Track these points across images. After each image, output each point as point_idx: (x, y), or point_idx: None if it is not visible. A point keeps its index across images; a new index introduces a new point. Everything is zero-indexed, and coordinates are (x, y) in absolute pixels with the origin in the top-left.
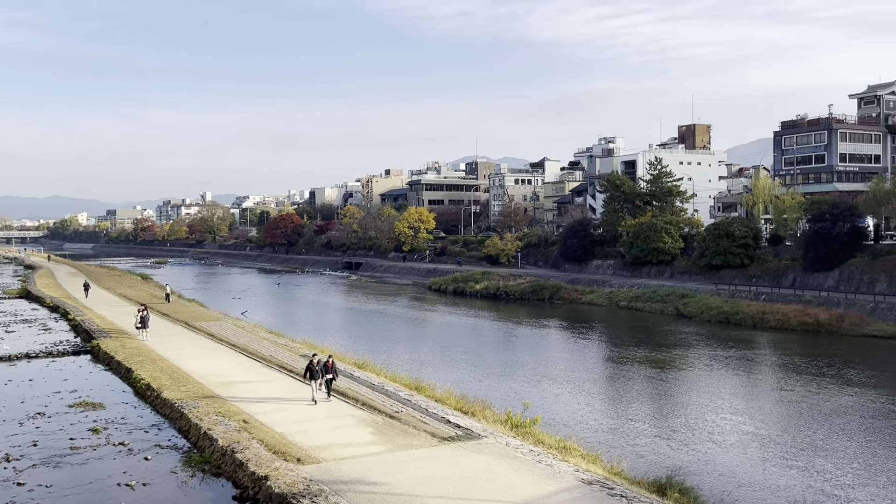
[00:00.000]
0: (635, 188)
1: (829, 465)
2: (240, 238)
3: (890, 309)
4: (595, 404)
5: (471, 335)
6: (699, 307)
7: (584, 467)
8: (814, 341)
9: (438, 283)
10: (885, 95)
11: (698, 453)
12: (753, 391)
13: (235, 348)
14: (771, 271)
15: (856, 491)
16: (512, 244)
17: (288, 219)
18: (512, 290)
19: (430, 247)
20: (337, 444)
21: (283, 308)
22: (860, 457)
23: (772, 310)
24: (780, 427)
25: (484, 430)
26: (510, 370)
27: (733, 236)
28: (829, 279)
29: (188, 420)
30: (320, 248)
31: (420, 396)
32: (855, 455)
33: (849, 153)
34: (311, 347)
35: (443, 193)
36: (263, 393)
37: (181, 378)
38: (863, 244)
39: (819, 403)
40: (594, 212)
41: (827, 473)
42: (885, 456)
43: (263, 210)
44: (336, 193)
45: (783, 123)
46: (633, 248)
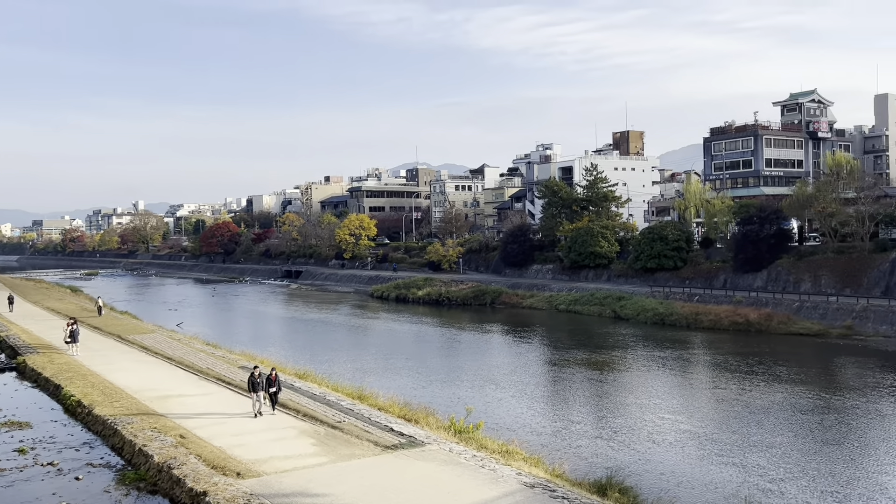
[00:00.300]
0: (572, 194)
1: (763, 461)
2: (174, 247)
3: (814, 307)
4: (538, 407)
5: (414, 342)
6: (635, 309)
7: (527, 470)
8: (745, 340)
9: (380, 290)
10: (806, 103)
11: (638, 453)
12: (689, 390)
13: (171, 361)
14: (703, 273)
15: (788, 484)
16: (453, 250)
17: (225, 227)
18: (454, 295)
19: (371, 254)
20: (278, 457)
21: (220, 319)
22: (792, 451)
23: (705, 310)
24: (715, 425)
25: (427, 437)
26: (454, 376)
27: (667, 240)
28: (757, 280)
29: (122, 437)
30: (259, 257)
31: (363, 405)
32: (787, 450)
33: (774, 158)
34: (251, 359)
35: (384, 200)
36: (201, 407)
37: (114, 393)
38: (788, 246)
39: (752, 400)
40: (533, 217)
41: (761, 468)
42: (814, 450)
43: (199, 218)
44: (274, 201)
45: (712, 130)
46: (571, 252)
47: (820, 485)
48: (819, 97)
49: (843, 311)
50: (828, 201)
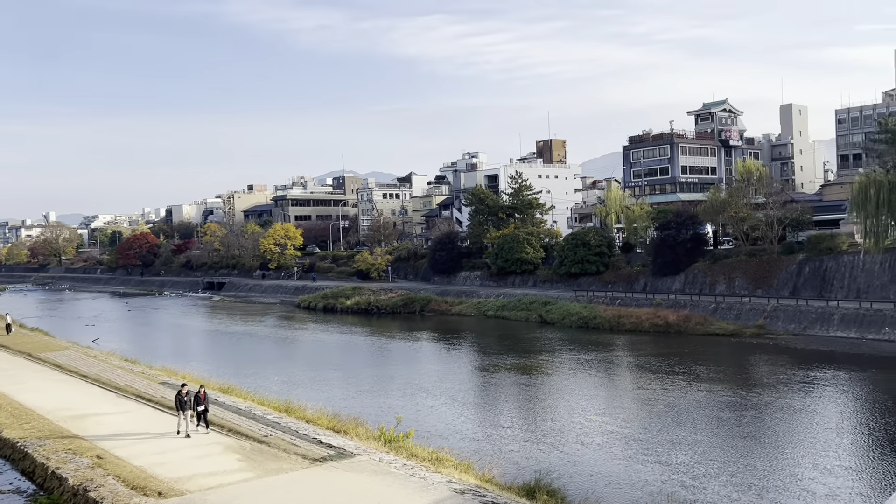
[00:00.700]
0: (498, 201)
1: (686, 458)
2: (89, 260)
3: (728, 308)
4: (468, 414)
5: (343, 352)
6: (561, 313)
7: (457, 477)
8: (665, 341)
9: (308, 300)
10: (718, 112)
11: (567, 454)
12: (614, 392)
13: (87, 379)
14: (624, 277)
15: (711, 480)
16: (382, 258)
17: (143, 238)
18: (383, 304)
19: (297, 263)
20: (202, 474)
21: (139, 334)
22: (713, 448)
23: (626, 313)
24: (640, 425)
25: (357, 448)
26: (384, 385)
27: (589, 245)
28: (676, 283)
29: (33, 460)
30: (179, 269)
31: (290, 418)
32: (708, 446)
33: (689, 165)
34: (172, 374)
35: (310, 209)
36: (119, 425)
37: (24, 415)
38: (704, 249)
39: (674, 400)
40: (461, 225)
41: (685, 466)
42: (733, 445)
43: (115, 230)
44: (195, 211)
45: (631, 138)
46: (498, 259)
47: (740, 479)
48: (730, 107)
49: (755, 312)
50: (739, 206)
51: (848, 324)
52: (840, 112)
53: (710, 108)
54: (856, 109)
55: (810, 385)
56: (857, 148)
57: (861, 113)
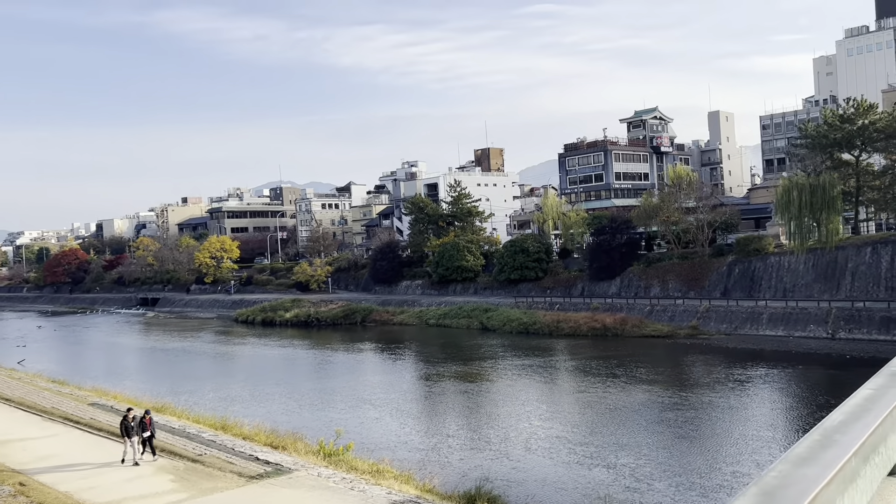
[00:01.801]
0: (438, 210)
1: (630, 460)
2: (14, 279)
3: (663, 310)
4: (412, 424)
5: (283, 366)
6: (501, 320)
7: (397, 489)
8: (603, 344)
9: (246, 314)
10: (649, 119)
11: (511, 461)
12: (556, 396)
13: (10, 403)
14: (563, 282)
15: (655, 481)
16: (322, 269)
17: (72, 255)
18: (324, 316)
19: (235, 277)
20: (132, 497)
21: (70, 353)
22: (655, 449)
23: (565, 318)
24: (583, 428)
25: (295, 464)
26: (326, 398)
27: (528, 252)
28: (612, 287)
29: None
30: (111, 285)
31: (226, 436)
32: (651, 448)
33: (623, 172)
34: (102, 394)
35: (247, 221)
36: (45, 450)
37: None
38: (638, 253)
39: (615, 402)
40: (402, 234)
41: (628, 468)
42: (675, 445)
43: (43, 246)
44: (127, 225)
45: (566, 146)
46: (439, 267)
47: (684, 479)
48: (660, 114)
49: (688, 313)
50: (671, 211)
51: (776, 322)
52: (764, 118)
53: (642, 116)
54: (779, 116)
55: (743, 383)
56: (781, 152)
57: (784, 119)
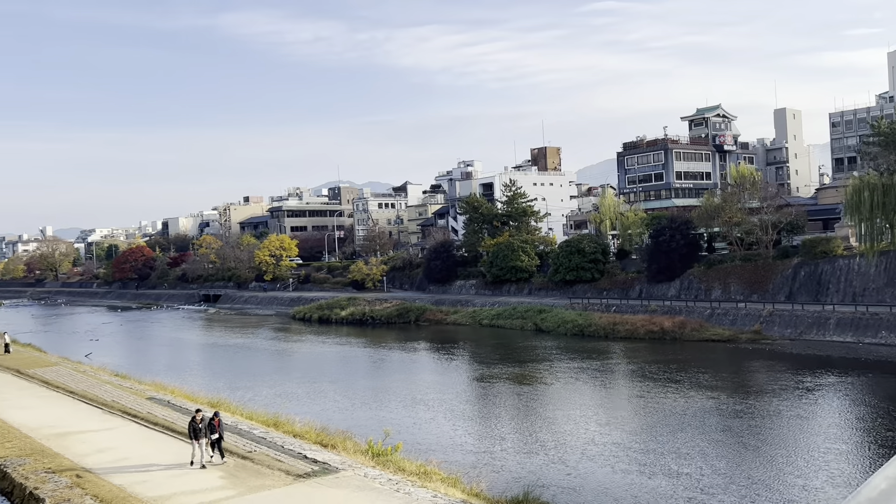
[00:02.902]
0: (492, 209)
1: (693, 470)
2: (86, 274)
3: (724, 314)
4: (463, 425)
5: (338, 364)
6: (556, 321)
7: (443, 492)
8: (661, 348)
9: (303, 311)
10: (712, 117)
11: (564, 467)
12: (614, 401)
13: (74, 395)
14: (619, 284)
15: (721, 493)
16: (377, 268)
17: (139, 252)
18: (378, 314)
19: (293, 275)
20: (182, 492)
21: (134, 348)
22: (720, 459)
23: (622, 320)
24: (641, 434)
25: (342, 463)
26: (379, 397)
27: (584, 252)
28: (671, 289)
29: (11, 479)
30: (175, 282)
31: (277, 433)
32: (715, 457)
33: (683, 171)
34: (160, 389)
35: (306, 220)
36: (103, 443)
37: (6, 432)
38: (699, 255)
39: (674, 408)
40: (456, 233)
41: (692, 478)
42: (741, 456)
43: (112, 244)
44: (191, 223)
45: (625, 145)
46: (493, 267)
47: (749, 492)
48: (723, 112)
49: (751, 317)
50: (734, 211)
51: (844, 328)
52: (834, 115)
53: (704, 114)
54: (849, 112)
55: (811, 391)
56: (852, 151)
57: (855, 116)
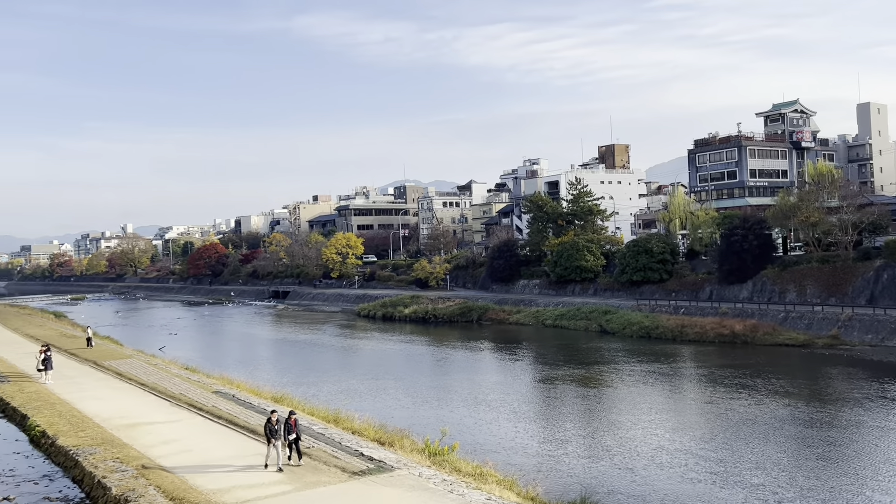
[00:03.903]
0: (557, 208)
1: (769, 480)
2: (162, 270)
3: (800, 317)
4: (524, 426)
5: (400, 361)
6: (621, 323)
7: (498, 494)
8: (731, 352)
9: (367, 309)
10: (789, 113)
11: (627, 472)
12: (683, 406)
13: (144, 387)
14: (689, 285)
15: None
16: (440, 267)
17: (212, 249)
18: (441, 312)
19: (358, 272)
20: (241, 486)
21: (205, 342)
22: (798, 470)
23: (690, 323)
24: (709, 441)
25: (398, 462)
26: (440, 395)
27: (651, 252)
28: (743, 291)
29: (82, 468)
30: (246, 278)
31: (335, 429)
32: (793, 468)
33: (758, 169)
34: (226, 383)
35: (372, 218)
36: (169, 434)
37: (81, 422)
38: (773, 256)
39: (749, 416)
40: (521, 232)
41: (769, 490)
42: (821, 468)
43: (187, 241)
44: (263, 221)
45: (696, 142)
46: (557, 266)
47: None
48: (802, 107)
49: (828, 321)
50: (811, 210)
51: None
52: None
53: (781, 109)
54: None
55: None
56: None
57: None
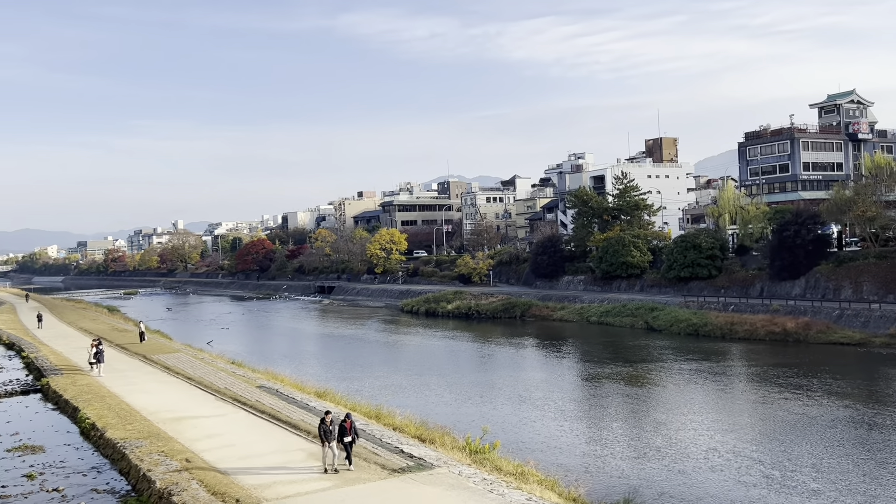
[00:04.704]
0: (603, 203)
1: (827, 486)
2: (211, 266)
3: (855, 315)
4: (569, 425)
5: (445, 357)
6: (668, 320)
7: (539, 495)
8: (783, 350)
9: (411, 304)
10: (844, 104)
11: (674, 475)
12: (730, 405)
13: (191, 381)
14: (738, 281)
15: None
16: (484, 262)
17: (260, 245)
18: (483, 309)
19: (402, 268)
20: (282, 481)
21: (252, 336)
22: (861, 476)
23: (740, 320)
24: (762, 444)
25: (438, 459)
26: (483, 392)
27: (700, 248)
28: (795, 287)
29: (129, 461)
30: (292, 273)
31: (377, 425)
32: (855, 474)
33: (811, 162)
34: (271, 377)
35: (415, 214)
36: (213, 428)
37: (129, 415)
38: (827, 252)
39: (803, 417)
40: (565, 228)
41: (827, 497)
42: (887, 475)
43: (236, 237)
44: (309, 217)
45: (747, 134)
46: (603, 262)
47: None
48: (858, 97)
49: (886, 319)
50: (868, 205)
51: None
52: None
53: (836, 100)
54: None
55: None
56: None
57: None
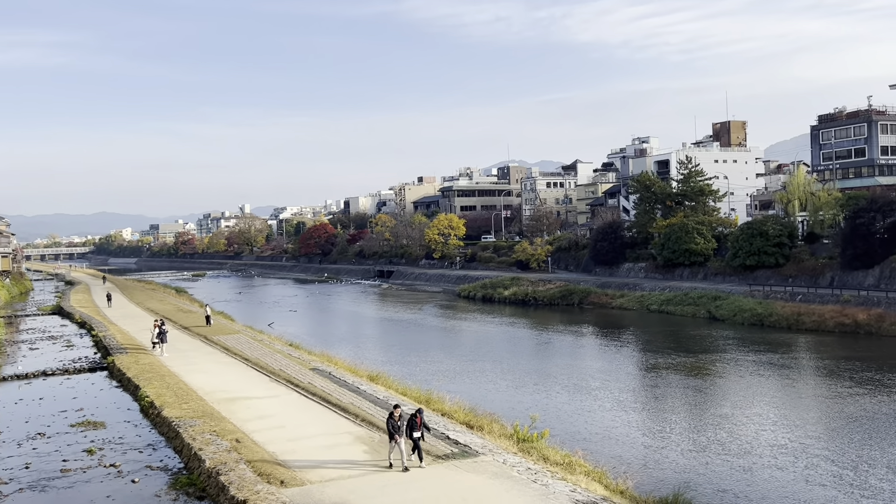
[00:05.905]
0: (666, 188)
1: (889, 485)
2: (276, 249)
3: None
4: (624, 416)
5: (500, 344)
6: (732, 310)
7: (584, 486)
8: (853, 343)
9: (468, 289)
10: None
11: (731, 470)
12: (797, 400)
13: (247, 362)
14: (807, 270)
15: None
16: (542, 249)
17: (322, 229)
18: (541, 295)
19: (460, 253)
20: (328, 465)
21: (312, 319)
22: None
23: (808, 311)
24: (829, 441)
25: (483, 447)
26: (538, 380)
27: (767, 235)
28: (869, 277)
29: (182, 440)
30: (353, 257)
31: (425, 410)
32: None
33: (890, 146)
34: (326, 360)
35: (475, 199)
36: (265, 409)
37: (186, 394)
38: None
39: (878, 414)
40: (627, 213)
41: (886, 494)
42: None
43: (300, 221)
44: (370, 202)
45: (820, 117)
46: (665, 249)
47: None
48: None
49: None
50: None
51: None
52: None
53: None
54: None
55: None
56: None
57: None
